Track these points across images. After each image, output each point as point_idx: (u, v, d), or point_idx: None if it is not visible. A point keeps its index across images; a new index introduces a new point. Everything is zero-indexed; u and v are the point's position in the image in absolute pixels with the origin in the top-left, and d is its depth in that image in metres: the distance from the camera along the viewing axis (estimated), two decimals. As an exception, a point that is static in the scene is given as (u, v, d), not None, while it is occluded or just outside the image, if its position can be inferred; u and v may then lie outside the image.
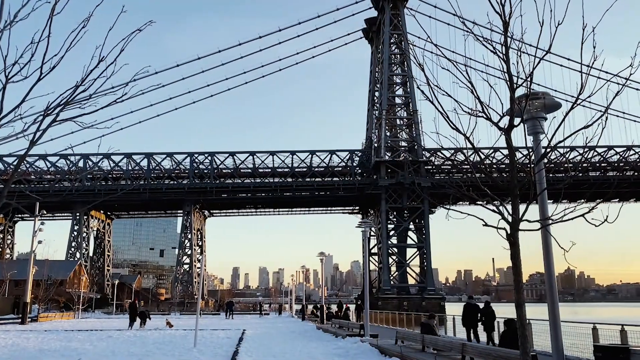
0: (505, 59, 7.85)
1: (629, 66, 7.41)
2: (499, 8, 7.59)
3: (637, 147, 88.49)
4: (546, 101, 9.27)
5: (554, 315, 8.73)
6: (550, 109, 9.45)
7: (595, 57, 7.29)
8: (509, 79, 7.85)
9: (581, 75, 7.47)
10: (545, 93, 9.57)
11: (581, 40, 7.15)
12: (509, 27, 7.73)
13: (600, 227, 7.23)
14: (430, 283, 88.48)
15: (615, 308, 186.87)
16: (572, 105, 7.81)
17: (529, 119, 9.17)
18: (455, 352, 13.80)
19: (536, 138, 9.39)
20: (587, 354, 15.23)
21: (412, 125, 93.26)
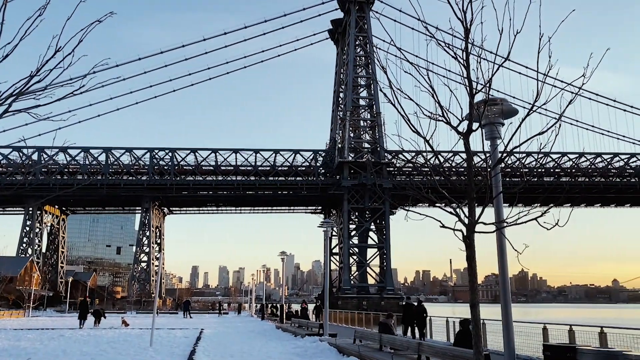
0: (465, 64, 8.02)
1: (582, 76, 7.70)
2: (461, 15, 7.75)
3: (589, 154, 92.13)
4: (504, 107, 9.53)
5: (506, 315, 8.98)
6: (508, 115, 9.73)
7: (550, 66, 7.54)
8: (469, 85, 8.03)
9: (537, 83, 7.73)
10: (503, 99, 9.84)
11: (538, 49, 7.40)
12: (470, 34, 7.91)
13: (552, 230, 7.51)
14: (390, 283, 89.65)
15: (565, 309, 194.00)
16: (528, 112, 8.05)
17: (487, 124, 9.40)
18: (411, 352, 14.04)
19: (493, 143, 9.65)
20: (537, 353, 15.77)
21: (376, 127, 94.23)
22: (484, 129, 9.72)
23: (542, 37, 7.41)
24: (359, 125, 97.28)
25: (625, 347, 13.28)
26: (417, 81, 8.38)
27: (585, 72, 7.69)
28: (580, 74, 7.73)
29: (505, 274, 9.22)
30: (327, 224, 26.11)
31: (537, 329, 18.00)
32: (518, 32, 7.54)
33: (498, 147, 9.38)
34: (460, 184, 8.50)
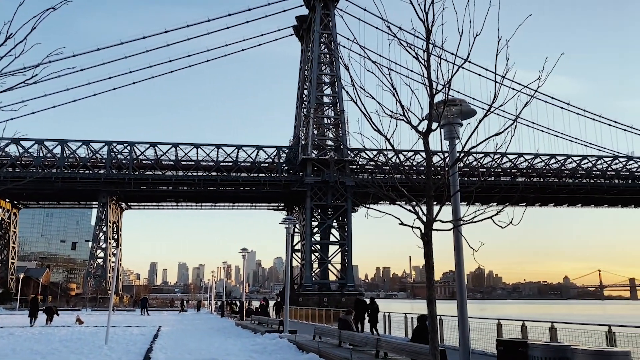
0: (426, 65, 8.12)
1: (537, 79, 7.92)
2: (423, 16, 7.84)
3: (544, 155, 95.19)
4: (462, 108, 9.73)
5: (462, 311, 9.17)
6: (466, 116, 9.94)
7: (508, 68, 7.71)
8: (429, 85, 8.13)
9: (495, 85, 7.91)
10: (462, 100, 10.04)
11: (496, 52, 7.57)
12: (432, 35, 8.02)
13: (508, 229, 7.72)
14: (350, 280, 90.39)
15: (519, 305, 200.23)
16: (486, 113, 8.22)
17: (446, 124, 9.58)
18: (370, 347, 14.20)
19: (452, 143, 9.83)
20: (491, 348, 16.23)
21: (339, 124, 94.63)
22: (443, 129, 9.90)
23: (500, 40, 7.58)
24: (323, 122, 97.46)
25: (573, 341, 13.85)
26: (379, 80, 8.46)
27: (540, 76, 7.91)
28: (536, 77, 7.95)
29: (462, 271, 9.42)
30: (289, 221, 26.06)
31: (492, 325, 18.54)
32: (478, 35, 7.68)
33: (456, 147, 9.58)
34: (420, 183, 8.62)
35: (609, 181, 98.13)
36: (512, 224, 7.42)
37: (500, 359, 9.96)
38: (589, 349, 8.25)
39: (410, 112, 8.24)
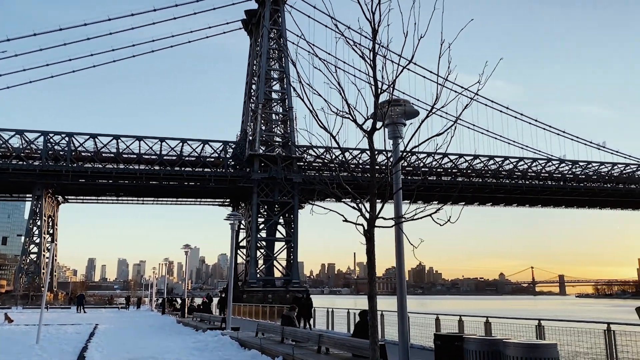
0: (372, 65, 8.23)
1: (477, 82, 8.20)
2: (370, 15, 7.94)
3: (483, 156, 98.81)
4: (406, 108, 9.94)
5: (401, 307, 9.36)
6: (410, 116, 10.16)
7: (449, 71, 7.94)
8: (375, 84, 8.25)
9: (437, 86, 8.12)
10: (406, 101, 10.25)
11: (439, 55, 7.77)
12: (378, 35, 8.14)
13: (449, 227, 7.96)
14: (296, 276, 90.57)
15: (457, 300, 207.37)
16: (428, 114, 8.43)
17: (390, 123, 9.77)
18: (312, 343, 14.29)
19: (395, 142, 10.03)
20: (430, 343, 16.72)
21: (287, 121, 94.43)
22: (387, 128, 10.09)
23: (443, 43, 7.79)
24: (271, 118, 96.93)
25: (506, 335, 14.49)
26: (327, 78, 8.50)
27: (480, 79, 8.19)
28: (476, 81, 8.23)
29: (402, 267, 9.63)
30: (234, 217, 25.79)
31: (431, 320, 19.08)
32: (422, 37, 7.85)
33: (399, 146, 9.78)
34: (364, 181, 8.74)
35: (542, 182, 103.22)
36: (450, 222, 7.66)
37: (437, 353, 10.27)
38: (520, 342, 8.66)
39: (356, 111, 8.33)
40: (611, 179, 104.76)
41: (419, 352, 15.78)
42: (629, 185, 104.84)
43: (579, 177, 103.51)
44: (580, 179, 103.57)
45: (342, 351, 13.09)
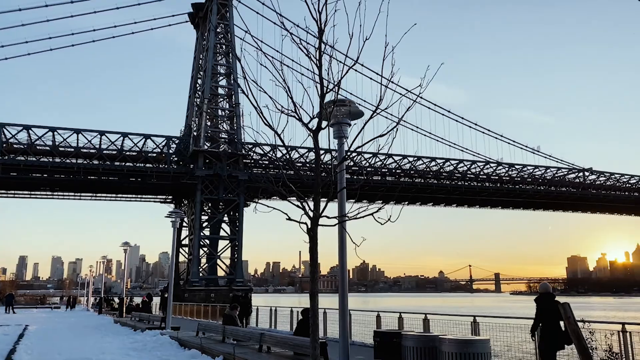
0: (318, 64, 8.27)
1: (419, 86, 8.41)
2: (316, 15, 7.97)
3: (426, 157, 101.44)
4: (351, 109, 10.06)
5: (343, 304, 9.47)
6: (355, 116, 10.29)
7: (393, 73, 8.10)
8: (320, 84, 8.29)
9: (381, 88, 8.27)
10: (351, 101, 10.37)
11: (383, 57, 7.91)
12: (324, 35, 8.18)
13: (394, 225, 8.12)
14: (240, 275, 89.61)
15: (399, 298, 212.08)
16: (371, 114, 8.57)
17: (335, 123, 9.87)
18: (254, 342, 14.21)
19: (340, 141, 10.14)
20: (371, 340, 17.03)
21: (234, 117, 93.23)
22: (333, 127, 10.18)
23: (387, 45, 7.93)
24: (217, 114, 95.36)
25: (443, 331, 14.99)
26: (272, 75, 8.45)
27: (422, 82, 8.40)
28: (418, 84, 8.44)
29: (344, 265, 9.74)
30: (176, 215, 25.23)
31: (373, 317, 19.45)
32: (367, 39, 7.95)
33: (344, 145, 9.90)
34: (308, 179, 8.77)
35: (481, 184, 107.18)
36: (390, 221, 7.82)
37: (376, 349, 10.47)
38: (454, 338, 8.99)
39: (302, 110, 8.34)
40: (544, 182, 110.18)
41: (359, 349, 16.02)
42: (560, 188, 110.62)
43: (515, 180, 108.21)
44: (515, 181, 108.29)
45: (284, 349, 13.11)
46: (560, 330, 10.90)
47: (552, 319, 11.13)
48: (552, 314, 11.11)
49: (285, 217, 8.31)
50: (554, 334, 11.08)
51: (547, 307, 11.42)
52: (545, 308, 11.48)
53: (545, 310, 11.44)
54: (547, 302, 11.57)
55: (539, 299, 11.84)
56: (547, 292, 11.91)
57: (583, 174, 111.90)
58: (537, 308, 11.75)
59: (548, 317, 11.31)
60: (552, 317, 11.13)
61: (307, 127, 8.49)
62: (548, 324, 11.32)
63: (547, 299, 11.67)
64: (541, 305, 11.67)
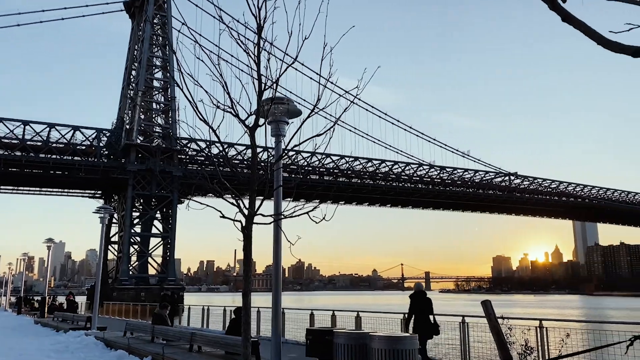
0: (256, 60, 8.19)
1: (356, 87, 8.52)
2: (256, 11, 7.90)
3: (363, 158, 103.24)
4: (289, 107, 10.06)
5: (276, 303, 9.44)
6: (293, 115, 10.29)
7: (331, 73, 8.16)
8: (258, 81, 8.21)
9: (319, 87, 8.31)
10: (289, 99, 10.37)
11: (321, 57, 7.96)
12: (263, 32, 8.11)
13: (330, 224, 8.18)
14: (172, 273, 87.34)
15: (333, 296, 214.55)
16: (309, 114, 8.61)
17: (273, 121, 9.83)
18: (184, 342, 13.90)
19: (278, 140, 10.12)
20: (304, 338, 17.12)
21: (169, 111, 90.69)
22: (270, 125, 10.14)
23: (325, 46, 7.99)
24: (152, 107, 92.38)
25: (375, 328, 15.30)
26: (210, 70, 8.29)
27: (359, 84, 8.52)
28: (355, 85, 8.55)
29: (279, 263, 9.72)
30: (104, 210, 24.20)
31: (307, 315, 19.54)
32: (306, 38, 7.97)
33: (281, 144, 9.88)
34: (244, 177, 8.68)
35: (414, 185, 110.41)
36: (325, 220, 7.89)
37: (308, 347, 10.53)
38: (384, 334, 9.21)
39: (239, 106, 8.23)
40: (473, 185, 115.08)
41: (292, 348, 16.05)
42: (487, 190, 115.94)
43: (446, 182, 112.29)
44: (446, 184, 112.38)
45: (215, 349, 12.91)
46: (430, 322, 12.85)
47: (423, 313, 12.93)
48: (423, 309, 12.96)
49: (219, 214, 8.18)
50: (424, 325, 12.77)
51: (420, 303, 13.13)
52: (418, 304, 13.14)
53: (418, 306, 13.10)
54: (420, 299, 13.23)
55: (413, 296, 13.41)
56: (420, 291, 13.57)
57: (509, 178, 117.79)
58: (411, 304, 13.30)
59: (419, 312, 13.02)
60: (422, 312, 12.94)
61: (243, 124, 8.39)
62: (420, 317, 13.00)
63: (420, 296, 13.33)
64: (414, 301, 13.24)
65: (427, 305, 13.08)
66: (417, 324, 12.92)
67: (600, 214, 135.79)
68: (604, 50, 3.35)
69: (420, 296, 13.33)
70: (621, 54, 3.20)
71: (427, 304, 13.11)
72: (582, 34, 3.30)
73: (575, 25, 3.28)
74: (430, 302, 13.26)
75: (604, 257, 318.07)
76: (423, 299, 13.25)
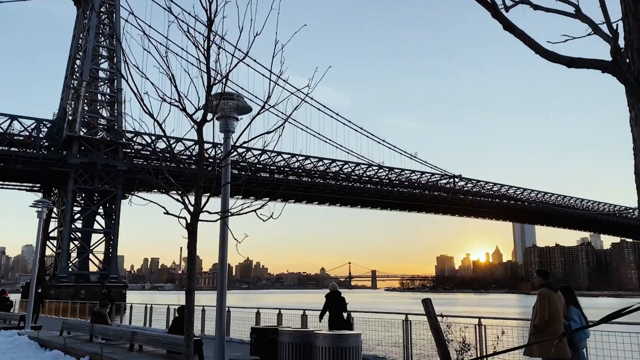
0: (206, 54, 8.05)
1: (307, 86, 8.54)
2: (206, 4, 7.77)
3: (313, 157, 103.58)
4: (239, 103, 9.96)
5: (221, 301, 9.34)
6: (243, 111, 10.20)
7: (282, 71, 8.14)
8: (208, 74, 8.07)
9: (269, 84, 8.26)
10: (239, 95, 10.27)
11: (272, 54, 7.92)
12: (214, 25, 7.99)
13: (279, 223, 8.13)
14: (114, 271, 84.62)
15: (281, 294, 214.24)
16: (259, 110, 8.53)
17: (222, 117, 9.70)
18: (124, 341, 13.49)
19: (226, 136, 10.00)
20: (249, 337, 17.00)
21: (115, 103, 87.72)
22: (219, 121, 10.00)
23: (277, 43, 7.96)
24: (96, 98, 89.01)
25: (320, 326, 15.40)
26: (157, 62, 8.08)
27: (310, 83, 8.55)
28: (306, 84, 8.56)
29: (225, 261, 9.62)
30: (42, 204, 23.15)
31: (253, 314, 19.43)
32: (258, 34, 7.90)
33: (230, 140, 9.77)
34: (190, 172, 8.52)
35: (363, 185, 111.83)
36: (273, 218, 7.86)
37: (253, 346, 10.47)
38: (328, 333, 9.30)
39: (188, 101, 8.06)
40: (419, 186, 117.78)
41: (237, 346, 15.91)
42: (433, 192, 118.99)
43: (394, 183, 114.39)
44: (394, 184, 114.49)
45: (157, 348, 12.60)
46: (342, 319, 14.13)
47: (337, 311, 14.19)
48: (337, 307, 14.23)
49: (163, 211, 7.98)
50: (337, 322, 14.00)
51: (334, 302, 14.42)
52: (332, 302, 14.41)
53: (332, 304, 14.37)
54: (334, 298, 14.50)
55: (328, 295, 14.76)
56: (335, 291, 14.95)
57: (453, 180, 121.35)
58: (325, 302, 14.60)
59: (333, 309, 14.24)
60: (336, 309, 14.20)
61: (191, 118, 8.23)
62: (333, 314, 14.23)
63: (335, 295, 14.61)
64: (329, 300, 14.50)
65: (340, 304, 14.29)
66: (332, 320, 14.13)
67: (538, 216, 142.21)
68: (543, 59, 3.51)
69: (335, 295, 14.55)
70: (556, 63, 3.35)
71: (340, 303, 14.32)
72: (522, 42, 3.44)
73: (515, 34, 3.42)
74: (343, 300, 14.50)
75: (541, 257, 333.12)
76: (337, 298, 14.47)
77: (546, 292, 8.53)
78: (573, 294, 9.18)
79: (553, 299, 8.49)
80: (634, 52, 3.26)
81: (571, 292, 9.21)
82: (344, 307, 14.38)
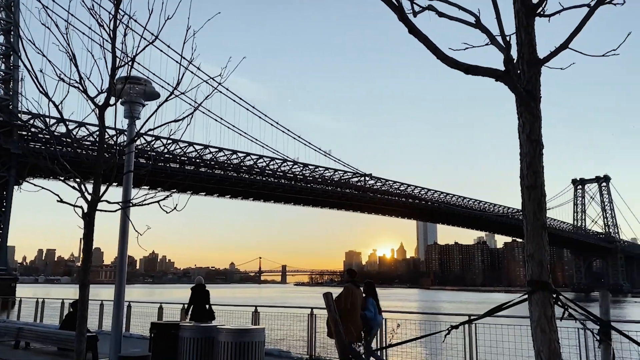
0: (112, 34, 7.60)
1: (219, 75, 8.35)
2: (113, -19, 7.34)
3: (227, 150, 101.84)
4: (146, 88, 9.54)
5: (119, 295, 8.95)
6: (150, 97, 9.79)
7: (193, 57, 7.87)
8: (113, 55, 7.63)
9: (179, 69, 7.97)
10: (147, 80, 9.84)
11: (184, 39, 7.64)
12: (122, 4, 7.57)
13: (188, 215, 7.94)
14: (3, 262, 78.02)
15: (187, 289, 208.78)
16: (167, 97, 8.22)
17: (127, 102, 9.24)
18: (9, 338, 12.46)
19: (131, 122, 9.55)
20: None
21: (11, 81, 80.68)
22: (124, 106, 9.52)
23: (189, 28, 7.70)
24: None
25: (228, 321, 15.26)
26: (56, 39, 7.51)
27: (222, 72, 8.36)
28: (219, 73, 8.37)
29: (124, 253, 9.22)
30: None
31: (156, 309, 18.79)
32: (169, 18, 7.60)
33: (135, 126, 9.33)
34: (89, 159, 8.04)
35: (277, 180, 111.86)
36: (177, 210, 7.62)
37: (153, 341, 10.10)
38: (230, 328, 9.17)
39: (89, 82, 7.57)
40: (332, 183, 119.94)
41: (137, 342, 15.31)
42: (344, 189, 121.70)
43: (308, 179, 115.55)
44: (308, 180, 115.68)
45: (45, 345, 11.77)
46: (206, 310, 14.97)
47: (201, 303, 15.04)
48: (201, 299, 15.07)
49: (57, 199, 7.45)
50: (200, 313, 14.78)
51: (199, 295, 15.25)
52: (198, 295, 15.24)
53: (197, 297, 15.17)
54: (200, 291, 15.39)
55: (194, 288, 15.58)
56: (200, 284, 15.77)
57: (364, 179, 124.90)
58: (191, 294, 15.36)
59: (198, 302, 15.08)
60: (202, 301, 15.05)
61: (92, 101, 7.74)
62: (197, 306, 15.08)
63: (200, 288, 15.47)
64: (195, 293, 15.33)
65: (205, 296, 15.20)
66: (195, 311, 14.94)
67: (440, 215, 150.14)
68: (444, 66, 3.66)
69: (200, 288, 15.47)
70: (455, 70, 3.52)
71: (205, 295, 15.24)
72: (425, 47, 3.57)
73: (419, 38, 3.54)
74: (208, 293, 15.42)
75: (441, 254, 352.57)
76: (202, 291, 15.41)
77: (350, 287, 10.71)
78: (373, 289, 11.42)
79: (354, 292, 10.67)
80: (524, 64, 3.50)
81: (372, 287, 11.47)
82: (208, 299, 15.29)
